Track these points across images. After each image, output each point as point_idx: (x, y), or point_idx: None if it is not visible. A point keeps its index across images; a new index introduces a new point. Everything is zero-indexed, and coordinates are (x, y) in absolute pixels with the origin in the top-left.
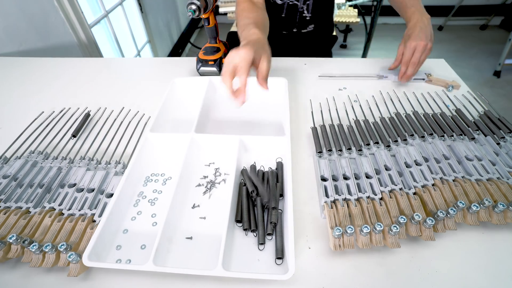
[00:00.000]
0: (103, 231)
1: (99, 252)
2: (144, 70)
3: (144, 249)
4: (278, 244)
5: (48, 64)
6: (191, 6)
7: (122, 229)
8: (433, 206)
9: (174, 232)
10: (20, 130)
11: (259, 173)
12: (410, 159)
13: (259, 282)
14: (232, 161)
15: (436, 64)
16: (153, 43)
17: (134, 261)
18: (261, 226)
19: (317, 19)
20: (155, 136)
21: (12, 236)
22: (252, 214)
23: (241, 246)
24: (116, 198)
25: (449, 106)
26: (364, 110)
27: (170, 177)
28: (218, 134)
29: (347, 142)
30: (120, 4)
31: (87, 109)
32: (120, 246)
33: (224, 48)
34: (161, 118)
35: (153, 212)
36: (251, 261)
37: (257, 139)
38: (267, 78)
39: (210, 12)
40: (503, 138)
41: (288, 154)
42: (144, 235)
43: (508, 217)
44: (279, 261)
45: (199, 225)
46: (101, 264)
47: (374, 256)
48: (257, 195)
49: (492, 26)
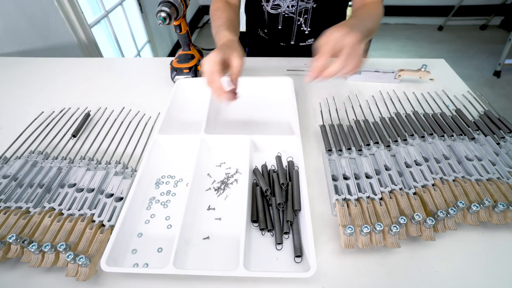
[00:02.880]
0: (119, 236)
1: (116, 256)
2: (144, 70)
3: (161, 252)
4: (296, 242)
5: (48, 64)
6: (161, 14)
7: (137, 233)
8: (433, 206)
9: (191, 234)
10: (20, 130)
11: (270, 173)
12: (410, 159)
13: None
14: (243, 161)
15: (436, 64)
16: (153, 43)
17: (151, 264)
18: (278, 225)
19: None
20: (165, 138)
21: (12, 236)
22: (267, 214)
23: (258, 246)
24: (130, 201)
25: (449, 106)
26: (364, 110)
27: (181, 179)
28: (228, 135)
29: (347, 142)
30: (120, 4)
31: (87, 109)
32: (135, 250)
33: (198, 55)
34: (168, 119)
35: (167, 215)
36: (270, 260)
37: (268, 138)
38: (238, 77)
39: (181, 18)
40: (503, 138)
41: (300, 152)
42: (160, 238)
43: (508, 217)
44: (298, 259)
45: (215, 226)
46: (119, 269)
47: (374, 256)
48: (272, 194)
49: (492, 26)
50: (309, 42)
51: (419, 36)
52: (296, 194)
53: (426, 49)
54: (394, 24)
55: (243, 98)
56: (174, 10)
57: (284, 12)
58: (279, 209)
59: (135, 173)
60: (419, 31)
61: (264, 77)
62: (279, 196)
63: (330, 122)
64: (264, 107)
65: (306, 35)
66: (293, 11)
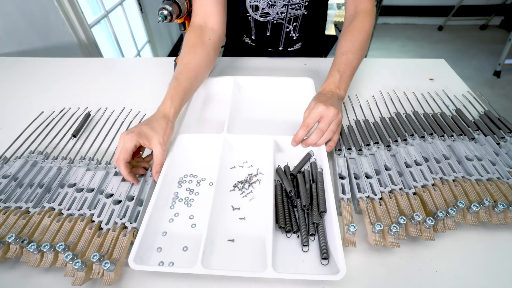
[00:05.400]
0: (145, 234)
1: (142, 255)
2: (144, 70)
3: (186, 251)
4: (322, 244)
5: (48, 64)
6: (162, 12)
7: (161, 232)
8: (433, 206)
9: (216, 234)
10: (20, 130)
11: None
12: (410, 159)
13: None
14: (266, 161)
15: (436, 64)
16: (153, 43)
17: (176, 263)
18: (304, 227)
19: (305, 38)
20: (188, 137)
21: (11, 236)
22: (292, 215)
23: (284, 248)
24: (155, 200)
25: (449, 106)
26: (364, 110)
27: (204, 178)
28: (252, 135)
29: (347, 142)
30: (120, 4)
31: (87, 109)
32: (160, 249)
33: None
34: (188, 119)
35: (191, 214)
36: (297, 262)
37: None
38: (159, 170)
39: (185, 16)
40: (503, 138)
41: (324, 154)
42: (184, 237)
43: (508, 217)
44: (325, 262)
45: (239, 226)
46: (147, 268)
47: (374, 256)
48: (296, 195)
49: (492, 26)
50: (296, 47)
51: (419, 36)
52: (321, 195)
53: (426, 49)
54: (394, 24)
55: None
56: (176, 8)
57: (273, 19)
58: (305, 211)
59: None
60: (419, 31)
61: (285, 78)
62: (304, 197)
63: None
64: (284, 107)
65: (294, 40)
66: (282, 17)
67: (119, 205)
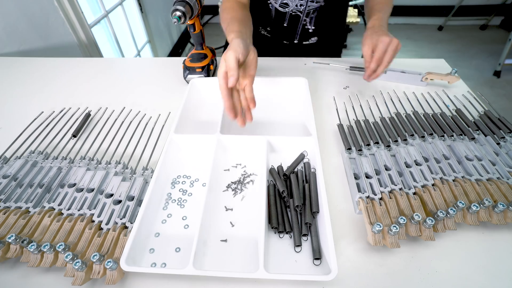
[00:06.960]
0: (137, 235)
1: (134, 256)
2: (144, 70)
3: (178, 252)
4: (315, 245)
5: (48, 64)
6: (176, 13)
7: (154, 233)
8: (433, 206)
9: (208, 235)
10: (20, 130)
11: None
12: (410, 159)
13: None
14: (259, 162)
15: (436, 64)
16: (153, 43)
17: (169, 264)
18: (297, 227)
19: (321, 32)
20: (181, 138)
21: (11, 235)
22: (285, 216)
23: (277, 248)
24: (148, 201)
25: (449, 106)
26: (364, 110)
27: (197, 179)
28: (245, 135)
29: (347, 142)
30: (120, 4)
31: (87, 109)
32: (153, 250)
33: (211, 54)
34: (182, 119)
35: (184, 215)
36: (289, 263)
37: (284, 139)
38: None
39: (195, 17)
40: (503, 138)
41: (317, 154)
42: (177, 238)
43: (508, 217)
44: (317, 262)
45: (232, 227)
46: (139, 269)
47: (374, 256)
48: (289, 196)
49: (492, 26)
50: (312, 41)
51: (419, 36)
52: (314, 196)
53: (426, 49)
54: (394, 24)
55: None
56: (189, 9)
57: (291, 10)
58: (297, 211)
59: (134, 175)
60: (419, 31)
61: (279, 78)
62: (297, 197)
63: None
64: (279, 107)
65: (310, 34)
66: (301, 10)
67: (119, 205)
